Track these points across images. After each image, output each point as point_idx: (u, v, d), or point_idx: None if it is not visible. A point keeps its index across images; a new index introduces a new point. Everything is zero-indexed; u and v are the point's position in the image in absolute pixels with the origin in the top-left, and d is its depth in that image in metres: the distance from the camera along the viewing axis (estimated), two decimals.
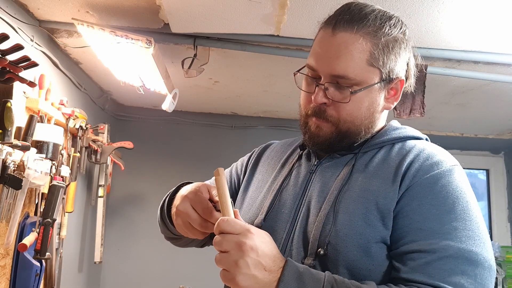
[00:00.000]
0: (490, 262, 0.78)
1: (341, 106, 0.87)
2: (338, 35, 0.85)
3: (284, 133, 3.12)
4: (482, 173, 3.47)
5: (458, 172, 0.86)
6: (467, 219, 0.79)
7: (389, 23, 0.86)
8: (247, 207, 1.01)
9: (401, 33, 0.89)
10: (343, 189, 0.87)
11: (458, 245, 0.76)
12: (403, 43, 0.89)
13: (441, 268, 0.75)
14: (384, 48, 0.85)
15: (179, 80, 2.25)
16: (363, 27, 0.84)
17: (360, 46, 0.84)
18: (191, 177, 1.25)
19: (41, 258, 1.54)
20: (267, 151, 1.13)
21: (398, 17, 0.90)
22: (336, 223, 0.82)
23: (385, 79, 0.88)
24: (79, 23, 1.62)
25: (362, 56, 0.84)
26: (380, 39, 0.85)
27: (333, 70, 0.85)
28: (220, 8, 1.52)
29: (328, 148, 0.92)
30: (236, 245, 0.72)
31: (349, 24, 0.84)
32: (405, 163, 0.86)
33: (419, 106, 1.86)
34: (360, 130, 0.90)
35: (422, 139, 0.96)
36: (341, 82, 0.85)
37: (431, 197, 0.81)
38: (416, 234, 0.78)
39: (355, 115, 0.88)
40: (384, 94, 0.91)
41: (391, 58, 0.87)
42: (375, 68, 0.86)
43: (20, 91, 1.54)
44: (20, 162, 1.40)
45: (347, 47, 0.84)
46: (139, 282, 3.00)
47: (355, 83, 0.85)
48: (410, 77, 0.95)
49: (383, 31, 0.85)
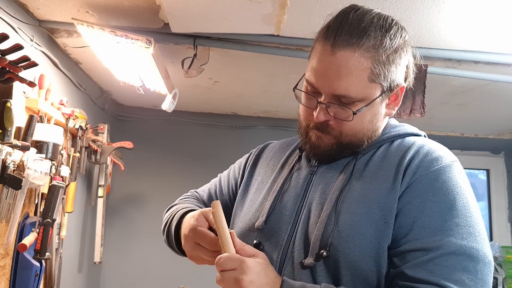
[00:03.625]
0: (489, 257, 0.78)
1: (344, 122, 0.87)
2: (338, 54, 0.83)
3: (284, 133, 3.12)
4: (482, 173, 3.47)
5: (457, 168, 0.86)
6: (468, 215, 0.80)
7: (389, 34, 0.84)
8: (247, 209, 1.00)
9: (402, 40, 0.87)
10: (344, 190, 0.86)
11: (459, 241, 0.77)
12: (403, 51, 0.87)
13: (442, 265, 0.75)
14: (385, 63, 0.84)
15: (179, 80, 2.25)
16: (363, 44, 0.82)
17: (361, 65, 0.82)
18: (191, 177, 1.25)
19: (41, 258, 1.54)
20: (265, 152, 1.12)
21: (398, 24, 0.88)
22: (338, 224, 0.82)
23: (387, 90, 0.87)
24: (79, 23, 1.62)
25: (363, 74, 0.83)
26: (381, 55, 0.83)
27: (334, 90, 0.84)
28: (220, 8, 1.52)
29: (329, 158, 0.92)
30: (235, 281, 0.75)
31: (349, 42, 0.82)
32: (405, 159, 0.86)
33: (419, 106, 1.86)
34: (363, 141, 0.90)
35: (421, 136, 0.97)
36: (343, 101, 0.85)
37: (432, 194, 0.81)
38: (419, 232, 0.79)
39: (358, 129, 0.88)
40: (386, 102, 0.91)
41: (392, 70, 0.86)
42: (377, 84, 0.85)
43: (20, 91, 1.53)
44: (20, 162, 1.39)
45: (348, 67, 0.82)
46: (139, 282, 3.00)
47: (357, 100, 0.85)
48: (409, 76, 0.94)
49: (383, 46, 0.83)
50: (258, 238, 0.92)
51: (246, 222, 0.97)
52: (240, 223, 0.99)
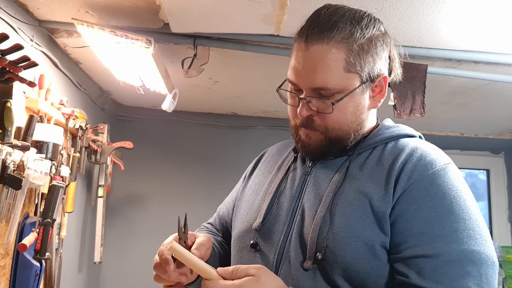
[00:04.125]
0: (492, 258, 0.78)
1: (327, 116, 0.88)
2: (311, 49, 0.85)
3: (284, 133, 3.11)
4: (482, 173, 3.47)
5: (452, 171, 0.85)
6: (467, 218, 0.79)
7: (360, 25, 0.86)
8: (245, 210, 1.01)
9: (377, 31, 0.88)
10: (338, 192, 0.86)
11: (460, 247, 0.76)
12: (379, 41, 0.88)
13: (447, 274, 0.74)
14: (359, 52, 0.85)
15: (179, 80, 2.25)
16: (333, 36, 0.84)
17: (334, 56, 0.84)
18: (191, 177, 1.25)
19: (41, 258, 1.54)
20: (264, 156, 1.14)
21: (370, 15, 0.89)
22: (333, 226, 0.82)
23: (366, 81, 0.88)
24: (79, 23, 1.62)
25: (338, 65, 0.84)
26: (352, 45, 0.84)
27: (312, 84, 0.86)
28: (220, 8, 1.52)
29: (320, 155, 0.93)
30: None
31: (320, 35, 0.84)
32: (397, 163, 0.85)
33: (419, 106, 1.86)
34: (349, 134, 0.90)
35: (415, 137, 0.96)
36: (322, 93, 0.86)
37: (428, 199, 0.80)
38: (418, 239, 0.78)
39: (342, 122, 0.89)
40: (369, 94, 0.91)
41: (368, 60, 0.86)
42: (354, 73, 0.86)
43: (20, 91, 1.53)
44: (20, 162, 1.39)
45: (322, 59, 0.84)
46: (139, 282, 2.99)
47: (336, 92, 0.86)
48: (395, 69, 0.94)
49: (354, 37, 0.85)
50: (255, 239, 0.92)
51: (244, 224, 0.98)
52: (239, 225, 1.00)
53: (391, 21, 1.54)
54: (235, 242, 0.99)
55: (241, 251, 0.96)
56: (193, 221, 1.51)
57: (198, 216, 2.95)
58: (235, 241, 0.99)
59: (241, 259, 0.95)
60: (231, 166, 3.13)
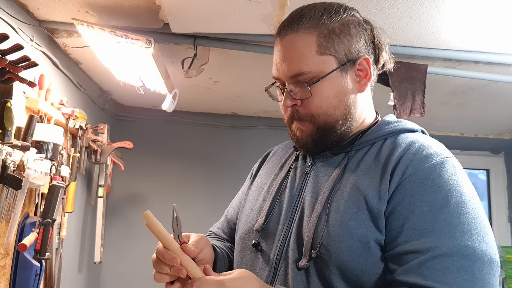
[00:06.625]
0: (490, 255, 0.74)
1: (309, 102, 0.88)
2: (283, 40, 0.89)
3: (284, 133, 3.10)
4: (482, 173, 3.47)
5: (451, 164, 0.82)
6: (462, 213, 0.76)
7: (329, 12, 0.89)
8: (247, 211, 1.01)
9: (350, 17, 0.90)
10: (334, 189, 0.85)
11: (452, 241, 0.73)
12: (353, 24, 0.89)
13: (434, 268, 0.72)
14: (330, 34, 0.87)
15: (179, 80, 2.25)
16: (302, 24, 0.87)
17: (304, 41, 0.87)
18: (191, 177, 1.25)
19: (41, 258, 1.54)
20: (269, 156, 1.14)
21: (342, 4, 0.92)
22: (328, 224, 0.81)
23: (345, 63, 0.88)
24: (79, 23, 1.62)
25: (310, 49, 0.86)
26: (323, 28, 0.87)
27: (289, 72, 0.88)
28: (220, 8, 1.52)
29: (315, 146, 0.93)
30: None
31: (290, 26, 0.88)
32: (393, 158, 0.83)
33: (419, 106, 1.86)
34: (337, 119, 0.90)
35: (417, 132, 0.93)
36: (300, 79, 0.87)
37: (421, 194, 0.77)
38: (409, 235, 0.76)
39: (325, 106, 0.88)
40: (352, 77, 0.90)
41: (342, 41, 0.88)
42: (328, 56, 0.87)
43: (20, 91, 1.53)
44: (20, 162, 1.39)
45: (294, 46, 0.87)
46: (139, 282, 2.99)
47: (314, 76, 0.87)
48: (383, 56, 0.94)
49: (323, 21, 0.87)
50: (257, 239, 0.92)
51: (246, 224, 0.98)
52: (242, 226, 1.00)
53: (391, 21, 1.54)
54: (238, 242, 0.99)
55: (242, 251, 0.96)
56: (193, 220, 1.54)
57: (198, 215, 2.96)
58: (238, 241, 0.99)
59: (242, 259, 0.95)
60: (231, 166, 3.14)
